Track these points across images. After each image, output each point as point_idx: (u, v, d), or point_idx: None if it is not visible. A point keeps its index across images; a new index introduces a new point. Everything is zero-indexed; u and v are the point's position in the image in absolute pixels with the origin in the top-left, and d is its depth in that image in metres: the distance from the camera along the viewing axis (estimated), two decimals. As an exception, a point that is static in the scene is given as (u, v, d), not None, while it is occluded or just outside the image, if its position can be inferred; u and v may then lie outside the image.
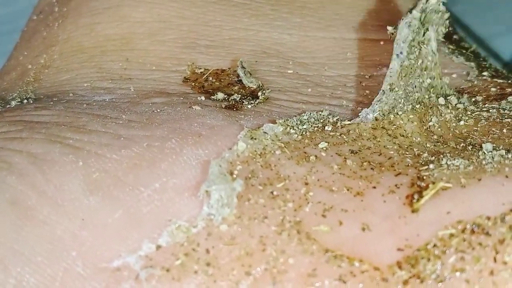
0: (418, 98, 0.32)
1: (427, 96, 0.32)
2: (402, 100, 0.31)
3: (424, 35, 0.32)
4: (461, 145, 0.30)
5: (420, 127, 0.31)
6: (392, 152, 0.29)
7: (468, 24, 0.64)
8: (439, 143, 0.30)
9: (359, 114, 0.31)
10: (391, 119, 0.31)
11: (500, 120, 0.32)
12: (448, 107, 0.32)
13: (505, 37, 0.62)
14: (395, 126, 0.31)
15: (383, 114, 0.31)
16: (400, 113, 0.31)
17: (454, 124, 0.31)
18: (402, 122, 0.31)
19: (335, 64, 0.37)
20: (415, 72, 0.32)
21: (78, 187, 0.27)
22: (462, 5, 0.64)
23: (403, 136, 0.30)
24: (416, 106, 0.31)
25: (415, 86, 0.32)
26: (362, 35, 0.39)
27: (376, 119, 0.31)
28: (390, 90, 0.31)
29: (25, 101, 0.35)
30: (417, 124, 0.31)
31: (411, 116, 0.31)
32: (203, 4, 0.40)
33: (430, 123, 0.31)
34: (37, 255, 0.26)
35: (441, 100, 0.33)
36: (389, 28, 0.33)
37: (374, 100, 0.31)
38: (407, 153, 0.29)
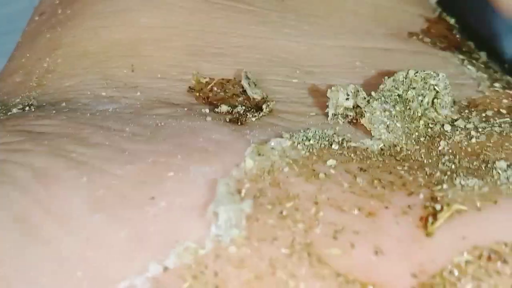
0: (418, 135, 0.31)
1: (429, 130, 0.32)
2: (404, 137, 0.31)
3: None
4: (474, 163, 0.29)
5: (429, 153, 0.30)
6: (402, 172, 0.29)
7: (468, 24, 0.63)
8: (451, 163, 0.29)
9: (364, 142, 0.31)
10: (398, 150, 0.30)
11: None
12: (456, 129, 0.32)
13: (505, 37, 0.62)
14: (403, 154, 0.30)
15: (389, 146, 0.31)
16: (405, 145, 0.31)
17: (465, 143, 0.31)
18: (409, 152, 0.30)
19: (343, 73, 0.36)
20: (403, 119, 0.31)
21: (82, 205, 0.26)
22: (462, 5, 0.64)
23: (412, 160, 0.30)
24: (421, 139, 0.31)
25: (411, 129, 0.31)
26: (371, 43, 0.38)
27: (382, 149, 0.30)
28: (388, 132, 0.31)
29: (27, 108, 0.34)
30: (425, 151, 0.30)
31: (417, 147, 0.30)
32: (210, 11, 0.39)
33: (440, 147, 0.30)
34: (42, 276, 0.25)
35: (447, 127, 0.32)
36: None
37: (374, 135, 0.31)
38: (418, 172, 0.29)
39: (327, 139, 0.30)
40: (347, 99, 0.32)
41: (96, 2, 0.40)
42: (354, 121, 0.32)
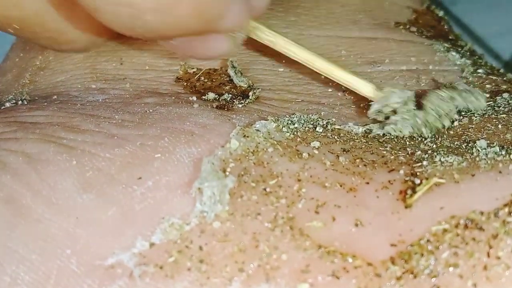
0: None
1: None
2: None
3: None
4: (455, 143, 0.30)
5: (412, 139, 0.31)
6: (384, 152, 0.29)
7: (467, 24, 0.64)
8: (432, 143, 0.30)
9: (348, 125, 0.31)
10: (381, 134, 0.31)
11: (495, 116, 0.32)
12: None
13: (505, 37, 0.62)
14: (386, 137, 0.31)
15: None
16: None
17: (447, 128, 0.31)
18: (393, 137, 0.31)
19: None
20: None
21: (72, 186, 0.27)
22: (462, 5, 0.64)
23: (395, 142, 0.30)
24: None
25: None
26: (356, 33, 0.39)
27: (366, 131, 0.31)
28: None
29: (20, 102, 0.35)
30: (409, 138, 0.31)
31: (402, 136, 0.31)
32: None
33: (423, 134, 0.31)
34: (31, 253, 0.26)
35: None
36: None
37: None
38: (400, 152, 0.29)
39: (311, 123, 0.31)
40: (398, 102, 0.32)
41: None
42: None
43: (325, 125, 0.31)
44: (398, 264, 0.24)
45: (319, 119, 0.31)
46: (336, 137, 0.30)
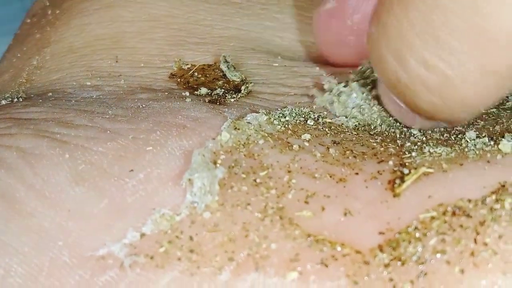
0: (394, 119, 0.32)
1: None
2: (379, 120, 0.32)
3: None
4: (445, 135, 0.30)
5: (402, 133, 0.31)
6: (375, 144, 0.29)
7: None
8: (422, 136, 0.30)
9: (339, 119, 0.32)
10: (372, 127, 0.31)
11: (485, 111, 0.32)
12: None
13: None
14: (377, 130, 0.31)
15: (363, 124, 0.31)
16: (379, 126, 0.31)
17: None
18: (383, 130, 0.31)
19: (324, 67, 0.37)
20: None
21: (64, 179, 0.27)
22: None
23: (385, 135, 0.31)
24: (396, 123, 0.32)
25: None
26: None
27: (356, 125, 0.31)
28: (362, 115, 0.32)
29: (16, 100, 0.35)
30: (399, 132, 0.31)
31: (392, 130, 0.31)
32: (194, 4, 0.40)
33: (412, 129, 0.31)
34: (24, 246, 0.26)
35: None
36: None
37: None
38: (390, 144, 0.29)
39: (303, 116, 0.31)
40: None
41: (83, 1, 0.41)
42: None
43: (316, 118, 0.31)
44: (386, 252, 0.24)
45: (310, 112, 0.32)
46: (327, 129, 0.30)
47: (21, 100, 0.35)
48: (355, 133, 0.31)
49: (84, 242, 0.26)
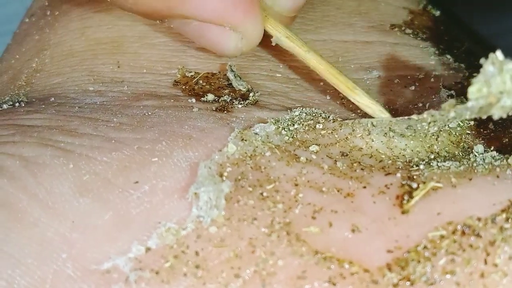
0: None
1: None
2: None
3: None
4: (452, 151, 0.30)
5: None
6: (383, 156, 0.29)
7: (468, 24, 0.64)
8: (429, 153, 0.30)
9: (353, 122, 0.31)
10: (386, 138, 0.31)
11: (492, 121, 0.32)
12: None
13: (505, 37, 0.62)
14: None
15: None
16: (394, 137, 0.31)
17: (445, 134, 0.31)
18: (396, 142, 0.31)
19: None
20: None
21: (68, 190, 0.27)
22: (462, 5, 0.64)
23: (396, 146, 0.30)
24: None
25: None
26: (351, 37, 0.39)
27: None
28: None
29: (17, 104, 0.35)
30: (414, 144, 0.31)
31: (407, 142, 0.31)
32: None
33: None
34: (27, 257, 0.25)
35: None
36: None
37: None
38: (398, 158, 0.29)
39: (313, 115, 0.31)
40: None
41: (82, 3, 0.41)
42: None
43: (326, 118, 0.31)
44: (395, 271, 0.24)
45: (322, 113, 0.31)
46: (336, 135, 0.30)
47: (22, 104, 0.34)
48: (367, 136, 0.30)
49: (88, 254, 0.26)
